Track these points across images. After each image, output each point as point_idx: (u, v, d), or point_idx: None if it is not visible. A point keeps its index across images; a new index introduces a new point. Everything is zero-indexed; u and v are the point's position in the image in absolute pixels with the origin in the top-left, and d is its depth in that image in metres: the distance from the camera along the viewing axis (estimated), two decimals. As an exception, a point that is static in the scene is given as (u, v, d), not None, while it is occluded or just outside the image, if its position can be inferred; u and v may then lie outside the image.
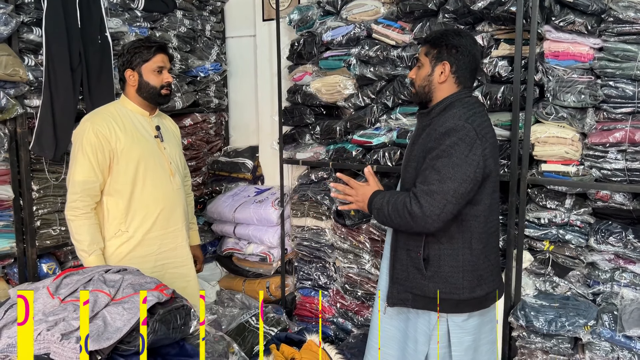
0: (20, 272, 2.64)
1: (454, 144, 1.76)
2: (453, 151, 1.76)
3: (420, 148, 1.88)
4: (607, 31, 2.24)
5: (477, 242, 1.88)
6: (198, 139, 3.72)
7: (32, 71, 2.57)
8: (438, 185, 1.75)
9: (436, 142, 1.80)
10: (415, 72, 1.98)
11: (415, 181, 1.85)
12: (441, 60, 1.89)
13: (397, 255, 1.96)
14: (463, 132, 1.77)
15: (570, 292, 2.49)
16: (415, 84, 1.97)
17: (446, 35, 1.90)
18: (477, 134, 1.79)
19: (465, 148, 1.76)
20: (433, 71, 1.91)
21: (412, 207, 1.77)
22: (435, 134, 1.82)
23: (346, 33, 2.96)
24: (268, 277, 3.50)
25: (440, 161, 1.77)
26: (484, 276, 1.92)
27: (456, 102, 1.88)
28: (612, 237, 2.33)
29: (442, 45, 1.89)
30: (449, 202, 1.75)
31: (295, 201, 3.37)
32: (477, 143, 1.78)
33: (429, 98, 1.94)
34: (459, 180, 1.75)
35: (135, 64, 2.21)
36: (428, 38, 1.96)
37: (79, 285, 1.62)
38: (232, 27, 3.91)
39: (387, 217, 1.85)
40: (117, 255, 2.21)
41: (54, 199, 2.75)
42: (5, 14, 2.40)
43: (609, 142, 2.27)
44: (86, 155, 2.11)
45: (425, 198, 1.76)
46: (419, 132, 1.96)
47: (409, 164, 1.94)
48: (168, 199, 2.28)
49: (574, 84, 2.32)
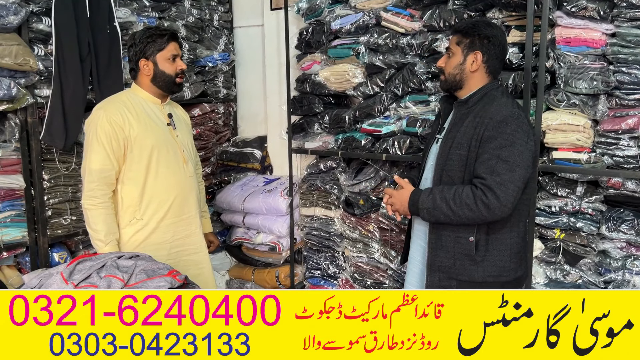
0: (32, 261, 2.67)
1: (514, 132, 1.81)
2: (515, 139, 1.80)
3: (466, 136, 1.89)
4: (619, 16, 2.22)
5: (523, 225, 1.98)
6: (207, 129, 3.72)
7: (42, 61, 2.57)
8: (509, 174, 1.78)
9: (495, 131, 1.83)
10: (445, 60, 2.02)
11: (473, 171, 1.86)
12: (473, 50, 1.94)
13: (442, 243, 1.97)
14: (520, 120, 1.84)
15: (581, 281, 2.48)
16: (445, 71, 2.01)
17: (478, 26, 1.95)
18: (528, 121, 1.87)
19: (524, 135, 1.82)
20: (465, 60, 1.95)
21: (488, 200, 1.78)
22: (492, 122, 1.84)
23: (355, 21, 2.94)
24: (277, 267, 3.52)
25: (506, 150, 1.80)
26: (524, 256, 2.01)
27: (493, 91, 1.94)
28: (624, 225, 2.32)
29: (475, 35, 1.93)
30: (519, 189, 1.81)
31: (304, 191, 3.37)
32: (530, 130, 1.86)
33: (460, 86, 1.99)
34: (525, 166, 1.80)
35: (150, 53, 2.20)
36: (460, 27, 2.00)
37: (92, 271, 1.63)
38: (240, 16, 3.90)
39: (451, 213, 1.85)
40: (132, 243, 2.22)
41: (65, 188, 2.77)
42: (15, 4, 2.40)
43: (622, 129, 2.25)
44: (101, 144, 2.11)
45: (501, 189, 1.78)
46: (456, 120, 1.98)
47: (453, 151, 1.93)
48: (181, 186, 2.29)
49: (586, 71, 2.30)
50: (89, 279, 1.61)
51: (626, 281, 2.36)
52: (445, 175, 1.95)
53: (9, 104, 2.45)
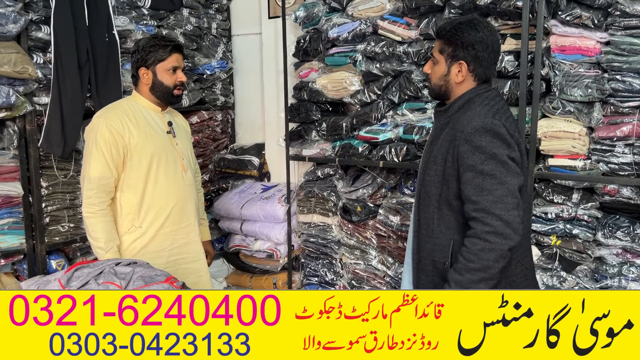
0: (30, 268, 2.66)
1: (490, 143, 1.61)
2: (494, 150, 1.60)
3: (441, 150, 1.72)
4: (613, 25, 2.24)
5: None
6: (204, 137, 3.74)
7: (40, 69, 2.59)
8: (501, 188, 1.57)
9: (469, 145, 1.62)
10: (430, 66, 1.82)
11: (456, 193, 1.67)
12: (457, 60, 1.73)
13: (421, 266, 1.80)
14: (494, 130, 1.62)
15: (577, 287, 2.49)
16: (431, 80, 1.82)
17: (461, 31, 1.71)
18: (507, 130, 1.64)
19: (502, 143, 1.61)
20: (449, 71, 1.75)
21: (493, 227, 1.56)
22: (463, 135, 1.64)
23: (352, 29, 2.96)
24: (275, 274, 3.52)
25: (487, 164, 1.60)
26: (517, 282, 1.74)
27: (475, 97, 1.73)
28: (620, 232, 2.33)
29: (458, 42, 1.72)
30: (518, 199, 1.59)
31: (302, 197, 3.38)
32: (510, 140, 1.64)
33: (447, 96, 1.80)
34: (513, 174, 1.60)
35: (150, 62, 2.19)
36: (442, 32, 1.76)
37: (90, 277, 1.63)
38: (238, 24, 3.93)
39: (480, 274, 1.58)
40: (131, 251, 2.22)
41: (63, 195, 2.77)
42: (14, 12, 2.42)
43: (616, 136, 2.27)
44: (100, 151, 2.11)
45: (498, 206, 1.56)
46: (437, 131, 1.81)
47: (429, 166, 1.76)
48: (180, 194, 2.29)
49: (581, 78, 2.33)
50: (86, 285, 1.61)
51: (622, 287, 2.37)
52: (422, 191, 1.78)
53: (7, 111, 2.46)
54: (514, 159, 1.63)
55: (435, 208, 1.73)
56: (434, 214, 1.74)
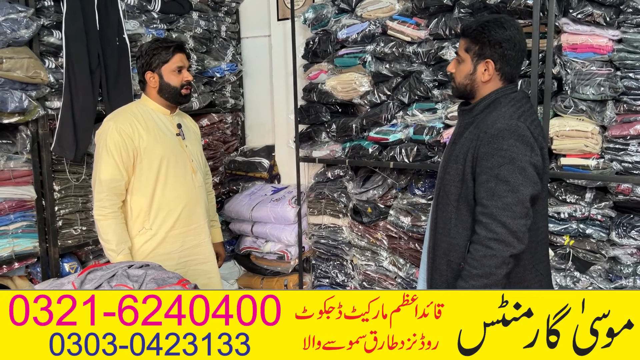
0: (43, 272, 2.69)
1: (511, 146, 1.57)
2: (515, 155, 1.57)
3: (463, 149, 1.69)
4: (626, 22, 2.21)
5: (525, 252, 1.63)
6: (215, 139, 3.75)
7: (52, 73, 2.62)
8: (512, 196, 1.55)
9: (490, 147, 1.60)
10: (454, 65, 1.78)
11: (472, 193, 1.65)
12: (484, 58, 1.69)
13: (436, 264, 1.79)
14: (518, 132, 1.59)
15: (591, 287, 2.45)
16: (456, 80, 1.78)
17: (488, 29, 1.67)
18: (532, 133, 1.61)
19: (524, 148, 1.58)
20: (475, 70, 1.71)
21: (497, 234, 1.55)
22: (486, 136, 1.62)
23: (361, 30, 2.96)
24: (286, 275, 3.51)
25: (505, 169, 1.56)
26: (531, 288, 1.70)
27: (501, 98, 1.70)
28: (635, 231, 2.29)
29: (485, 41, 1.68)
30: (528, 209, 1.56)
31: (312, 199, 3.38)
32: (534, 143, 1.61)
33: (472, 95, 1.76)
34: (529, 184, 1.56)
35: (155, 65, 2.21)
36: (468, 31, 1.73)
37: (103, 280, 1.65)
38: (247, 27, 3.94)
39: (484, 280, 1.57)
40: (142, 253, 2.23)
41: (75, 199, 2.80)
42: (26, 18, 2.45)
43: (630, 134, 2.24)
44: (111, 154, 2.13)
45: (505, 213, 1.54)
46: (460, 130, 1.78)
47: (449, 165, 1.74)
48: (190, 196, 2.30)
49: (593, 77, 2.29)
50: (99, 288, 1.63)
51: (637, 288, 2.33)
52: (442, 191, 1.76)
53: (20, 116, 2.49)
54: (535, 165, 1.59)
55: (453, 207, 1.72)
56: (452, 214, 1.72)
